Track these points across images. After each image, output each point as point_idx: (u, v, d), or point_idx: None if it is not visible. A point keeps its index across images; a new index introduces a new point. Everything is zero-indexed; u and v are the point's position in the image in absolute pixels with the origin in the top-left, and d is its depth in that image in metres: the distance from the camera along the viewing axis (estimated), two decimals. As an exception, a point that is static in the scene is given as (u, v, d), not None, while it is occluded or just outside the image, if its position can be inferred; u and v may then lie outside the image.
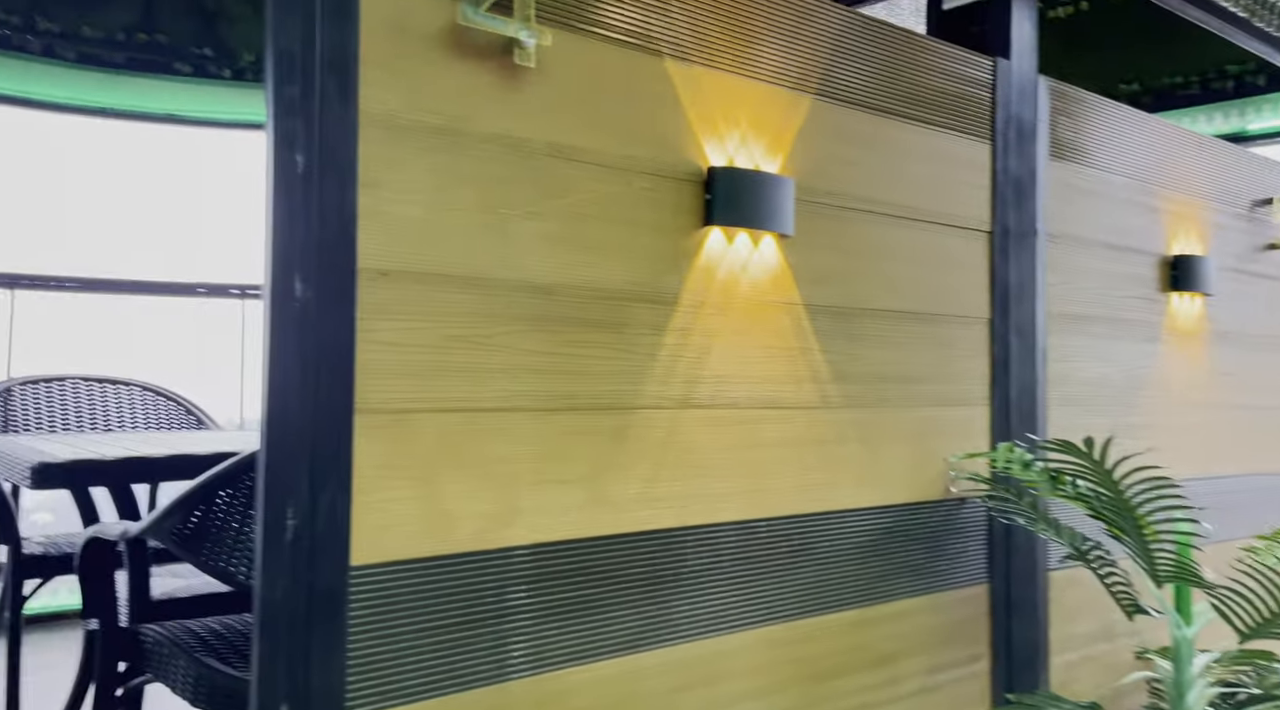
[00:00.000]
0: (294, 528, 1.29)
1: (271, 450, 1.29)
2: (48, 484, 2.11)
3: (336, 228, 1.34)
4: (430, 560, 1.43)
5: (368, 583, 1.36)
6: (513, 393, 1.52)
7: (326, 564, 1.31)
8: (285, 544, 1.28)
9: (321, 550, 1.31)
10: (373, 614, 1.36)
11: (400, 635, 1.39)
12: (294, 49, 1.31)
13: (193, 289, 4.77)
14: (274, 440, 1.29)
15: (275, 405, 1.29)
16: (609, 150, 1.64)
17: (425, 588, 1.42)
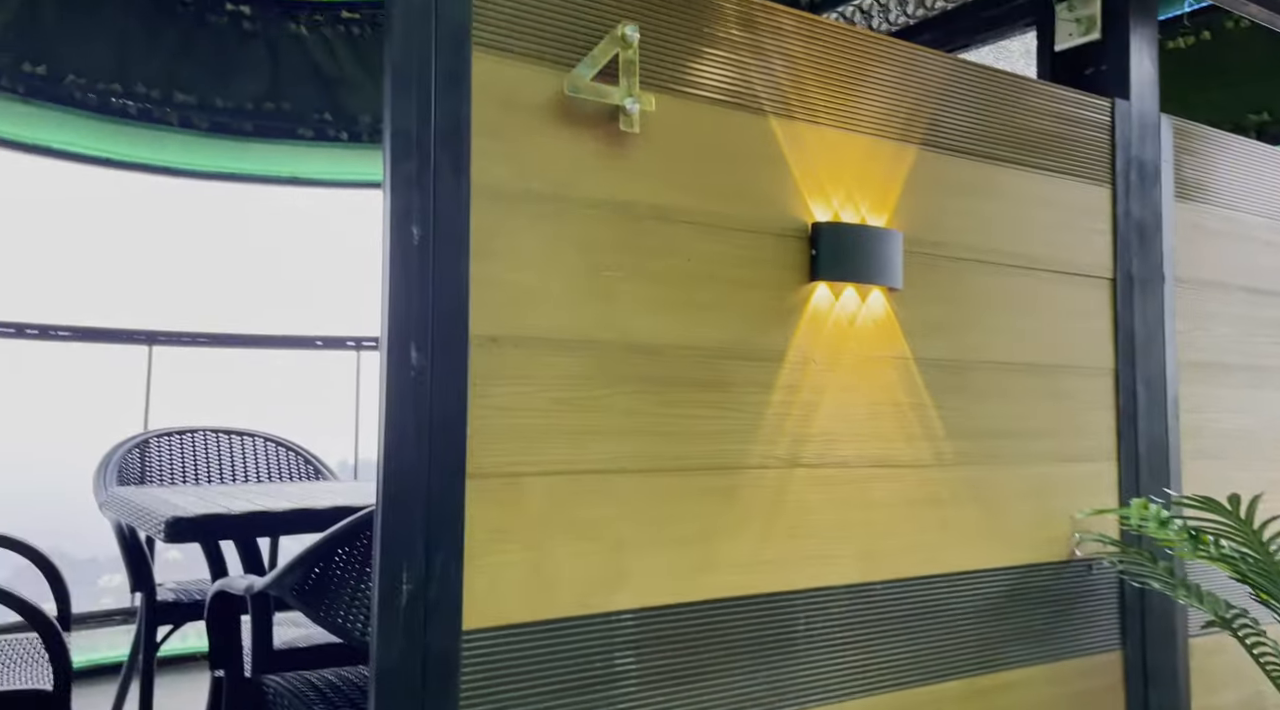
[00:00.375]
0: (409, 591, 1.31)
1: (387, 514, 1.32)
2: (179, 538, 2.21)
3: (449, 296, 1.38)
4: (539, 624, 1.43)
5: (479, 646, 1.37)
6: (619, 454, 1.52)
7: (440, 627, 1.33)
8: (400, 607, 1.31)
9: (435, 613, 1.33)
10: (484, 678, 1.37)
11: (510, 700, 1.39)
12: (410, 126, 1.37)
13: (311, 342, 4.98)
14: (390, 504, 1.32)
15: (391, 469, 1.33)
16: (713, 209, 1.64)
17: (534, 652, 1.42)
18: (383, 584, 1.31)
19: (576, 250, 1.51)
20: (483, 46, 1.43)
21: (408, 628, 1.31)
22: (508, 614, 1.40)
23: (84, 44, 4.21)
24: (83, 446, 5.44)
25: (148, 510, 2.32)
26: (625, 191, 1.56)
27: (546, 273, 1.48)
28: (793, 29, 1.76)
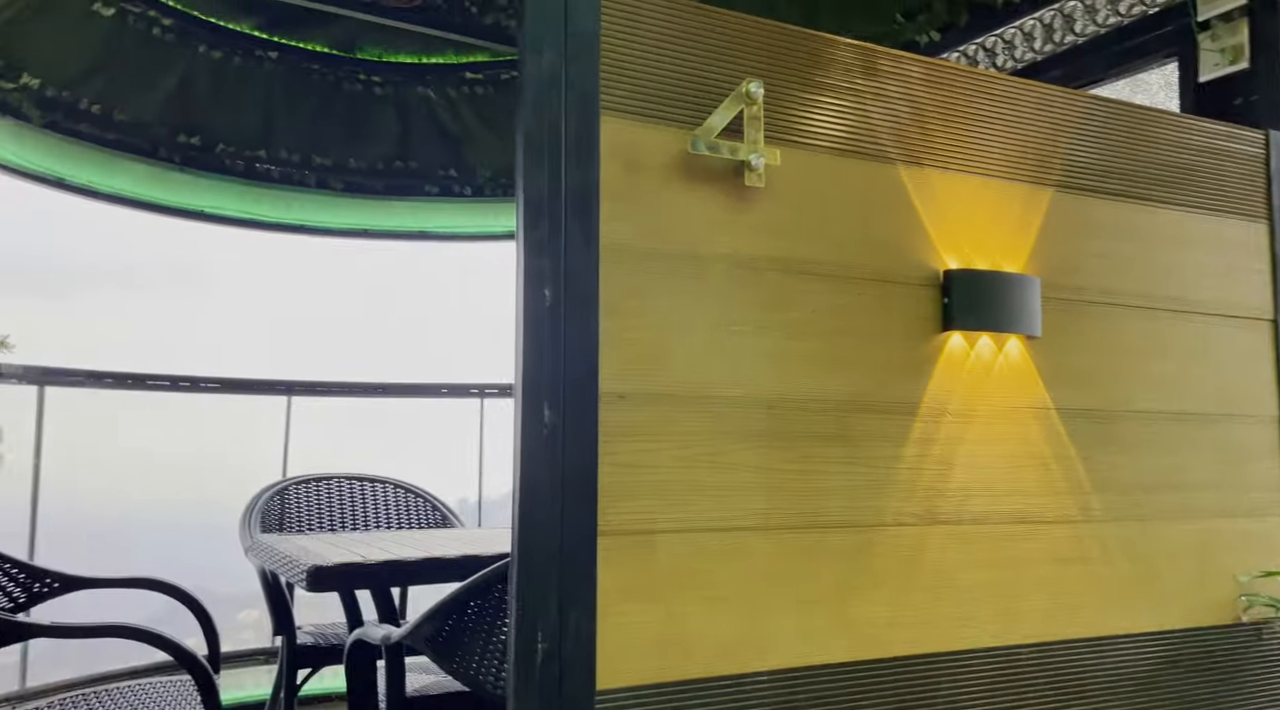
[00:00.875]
0: (544, 649, 1.32)
1: (523, 570, 1.34)
2: (320, 586, 2.30)
3: (580, 354, 1.40)
4: (672, 685, 1.41)
5: (613, 707, 1.36)
6: (750, 511, 1.50)
7: (575, 687, 1.33)
8: (536, 665, 1.31)
9: (570, 672, 1.33)
10: (618, 740, 1.36)
11: (644, 763, 1.37)
12: (542, 192, 1.40)
13: (437, 389, 5.14)
14: (525, 560, 1.34)
15: (526, 526, 1.35)
16: (841, 260, 1.62)
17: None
18: (519, 640, 1.32)
19: (703, 306, 1.51)
20: (610, 110, 1.46)
21: (544, 686, 1.32)
22: (640, 674, 1.39)
23: (233, 115, 4.52)
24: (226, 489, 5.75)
25: (290, 558, 2.42)
26: (751, 246, 1.55)
27: (674, 329, 1.48)
28: (917, 75, 1.74)
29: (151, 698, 2.35)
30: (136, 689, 2.40)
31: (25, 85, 3.68)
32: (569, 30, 1.42)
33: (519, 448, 1.36)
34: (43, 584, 2.54)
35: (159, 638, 2.08)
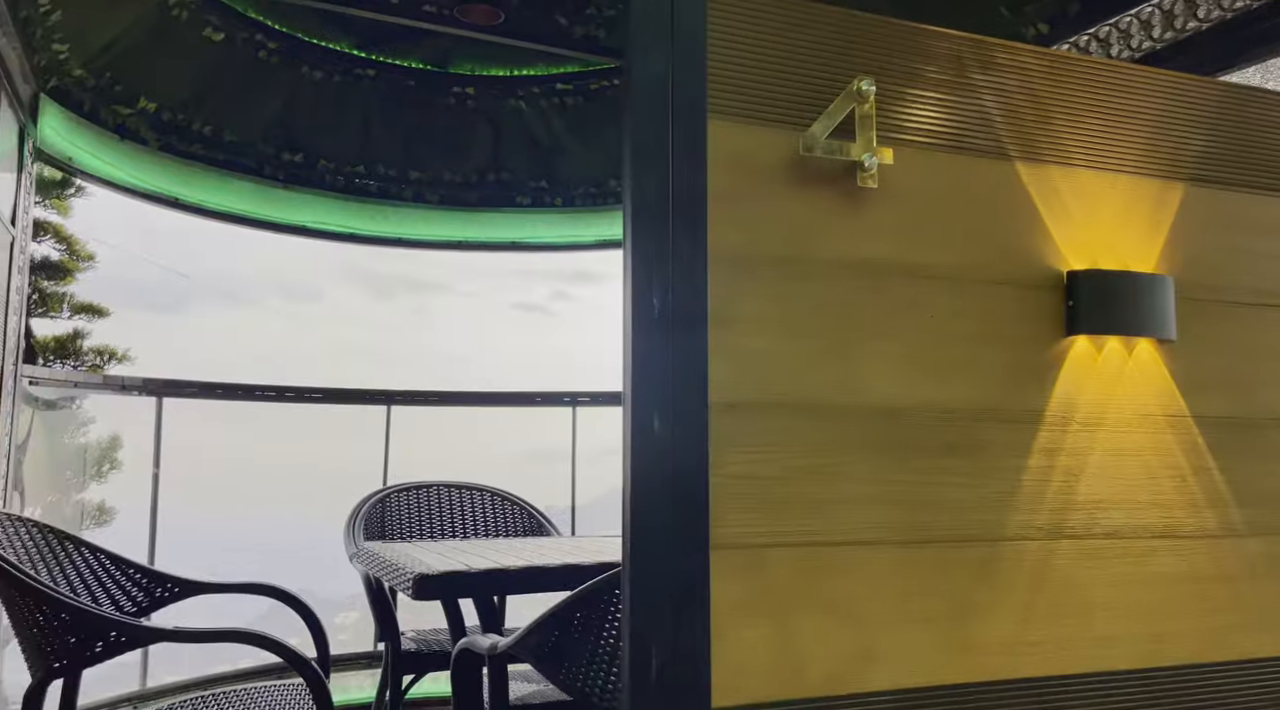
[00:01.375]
0: (659, 665, 1.29)
1: (635, 586, 1.31)
2: (425, 595, 2.32)
3: (689, 364, 1.37)
4: (786, 704, 1.37)
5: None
6: (865, 524, 1.45)
7: (691, 705, 1.30)
8: (651, 682, 1.29)
9: (685, 689, 1.30)
10: (733, 760, 1.32)
11: (761, 784, 1.33)
12: (649, 199, 1.38)
13: (531, 398, 5.19)
14: (637, 574, 1.32)
15: (637, 541, 1.32)
16: (957, 262, 1.55)
17: (784, 733, 1.36)
18: (634, 656, 1.30)
19: (813, 311, 1.46)
20: (718, 113, 1.43)
21: (659, 703, 1.29)
22: (755, 692, 1.35)
23: (333, 132, 4.65)
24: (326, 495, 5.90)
25: (396, 566, 2.46)
26: (863, 249, 1.50)
27: (784, 336, 1.44)
28: (1035, 66, 1.66)
29: (268, 701, 2.41)
30: (254, 692, 2.46)
31: (143, 109, 3.86)
32: (675, 32, 1.40)
33: (629, 459, 1.34)
34: (164, 589, 2.64)
35: (276, 644, 2.13)
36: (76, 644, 2.04)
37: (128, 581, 2.60)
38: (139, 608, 2.61)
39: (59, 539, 2.52)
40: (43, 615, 2.02)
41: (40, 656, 2.04)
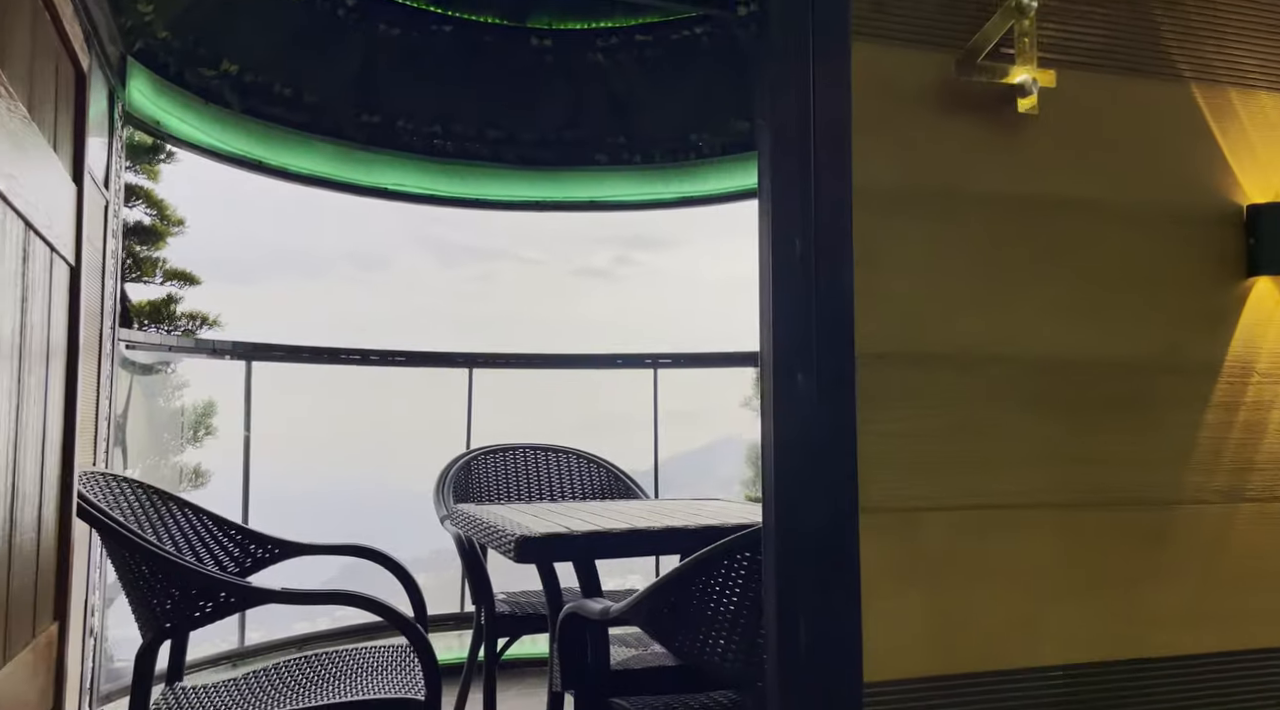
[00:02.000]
0: (807, 640, 1.19)
1: (781, 554, 1.21)
2: (527, 557, 2.26)
3: (834, 311, 1.26)
4: (943, 680, 1.26)
5: (881, 703, 1.22)
6: (1026, 487, 1.32)
7: (841, 682, 1.20)
8: (800, 658, 1.19)
9: (836, 666, 1.20)
10: (888, 739, 1.22)
11: (918, 766, 1.23)
12: (789, 129, 1.26)
13: (612, 360, 5.11)
14: (783, 543, 1.22)
15: (782, 506, 1.22)
16: (1124, 198, 1.40)
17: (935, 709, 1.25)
18: (780, 629, 1.20)
19: (970, 253, 1.33)
20: (862, 35, 1.29)
21: (807, 678, 1.19)
22: (910, 666, 1.25)
23: (411, 91, 4.59)
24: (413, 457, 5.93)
25: (495, 528, 2.40)
26: (1023, 182, 1.36)
27: (937, 280, 1.31)
28: (1209, -23, 1.48)
29: (371, 661, 2.39)
30: (358, 653, 2.45)
31: (225, 71, 3.84)
32: (817, -55, 1.26)
33: (772, 416, 1.23)
34: (264, 550, 2.64)
35: (384, 607, 2.09)
36: (186, 604, 2.03)
37: (229, 542, 2.60)
38: (241, 568, 2.61)
39: (162, 499, 2.52)
40: (154, 575, 2.02)
41: (151, 617, 2.04)
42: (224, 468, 4.33)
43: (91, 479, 2.30)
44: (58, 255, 1.66)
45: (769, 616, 1.21)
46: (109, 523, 2.01)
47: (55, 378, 1.68)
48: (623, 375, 5.25)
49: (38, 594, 1.56)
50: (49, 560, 1.64)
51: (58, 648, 1.68)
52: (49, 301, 1.62)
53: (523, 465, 4.02)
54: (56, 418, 1.69)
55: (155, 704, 2.09)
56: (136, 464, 3.76)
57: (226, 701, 2.11)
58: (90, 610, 2.94)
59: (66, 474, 1.73)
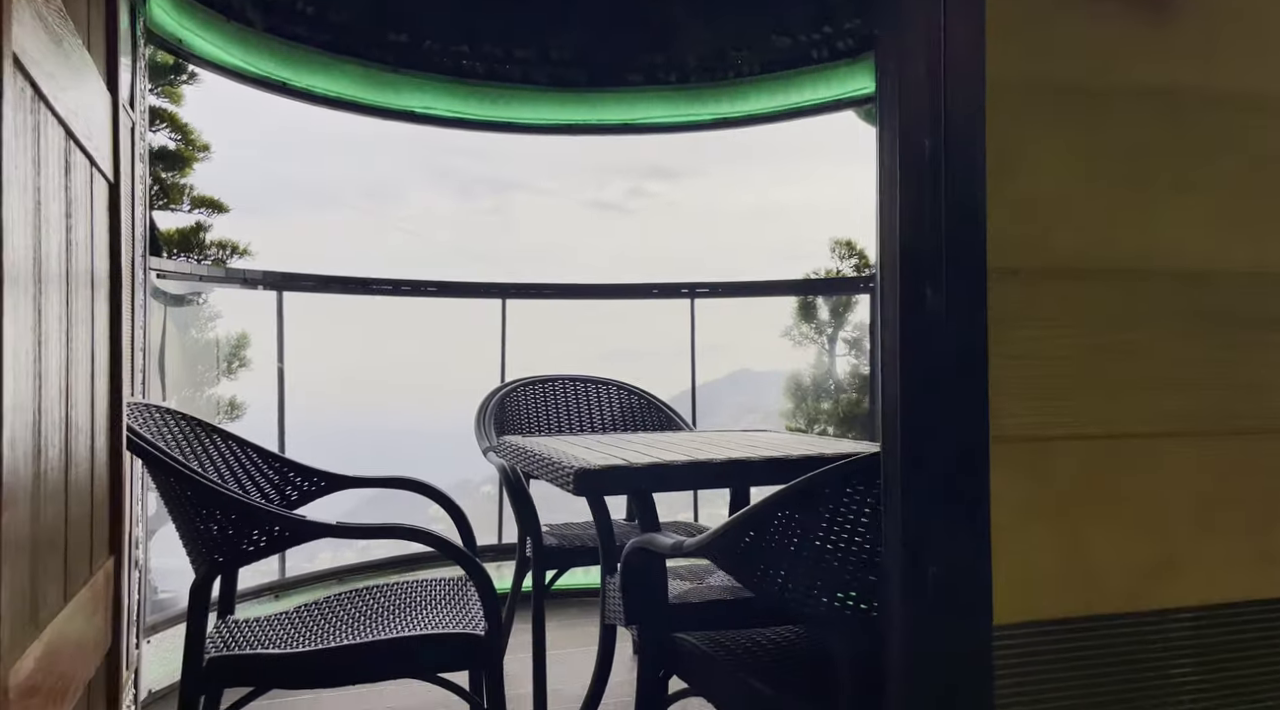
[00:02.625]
0: (934, 579, 1.10)
1: (905, 486, 1.11)
2: (586, 490, 2.18)
3: (964, 220, 1.13)
4: (1075, 622, 1.16)
5: (1011, 647, 1.13)
6: (1167, 413, 1.21)
7: (970, 624, 1.11)
8: (926, 598, 1.09)
9: (965, 606, 1.11)
10: (1017, 687, 1.13)
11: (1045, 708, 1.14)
12: (913, 17, 1.11)
13: (648, 290, 4.98)
14: (907, 474, 1.11)
15: (908, 434, 1.11)
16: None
17: (1071, 656, 1.16)
18: (904, 567, 1.10)
19: (1110, 156, 1.19)
20: (1001, -97, 1.14)
21: (933, 620, 1.10)
22: (1040, 607, 1.15)
23: (438, 9, 4.39)
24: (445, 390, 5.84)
25: (550, 460, 2.32)
26: (1173, 74, 1.21)
27: (1076, 186, 1.18)
28: None
29: (422, 594, 2.33)
30: (407, 587, 2.40)
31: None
32: None
33: (897, 335, 1.12)
34: (311, 483, 2.57)
35: (439, 539, 2.02)
36: (238, 537, 1.96)
37: (275, 474, 2.54)
38: (287, 502, 2.55)
39: (205, 431, 2.45)
40: (205, 509, 1.95)
41: (202, 551, 1.98)
42: (258, 401, 4.27)
43: (135, 410, 2.22)
44: (98, 171, 1.55)
45: (891, 555, 1.12)
46: (158, 454, 1.93)
47: (100, 301, 1.58)
48: (632, 309, 5.12)
49: (93, 529, 1.49)
50: (103, 493, 1.57)
51: (114, 583, 1.62)
52: (91, 220, 1.51)
53: (561, 397, 3.93)
54: (103, 344, 1.59)
55: (209, 637, 2.04)
56: (172, 396, 3.69)
57: (282, 635, 2.06)
58: (135, 542, 2.90)
59: (115, 403, 1.64)
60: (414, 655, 1.94)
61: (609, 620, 2.61)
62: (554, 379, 3.94)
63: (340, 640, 1.98)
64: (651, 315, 5.23)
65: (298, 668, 1.91)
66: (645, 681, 2.03)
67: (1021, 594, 1.14)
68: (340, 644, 1.95)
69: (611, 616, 2.58)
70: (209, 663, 1.88)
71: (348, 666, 1.94)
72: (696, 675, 1.98)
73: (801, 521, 1.61)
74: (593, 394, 3.98)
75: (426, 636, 1.96)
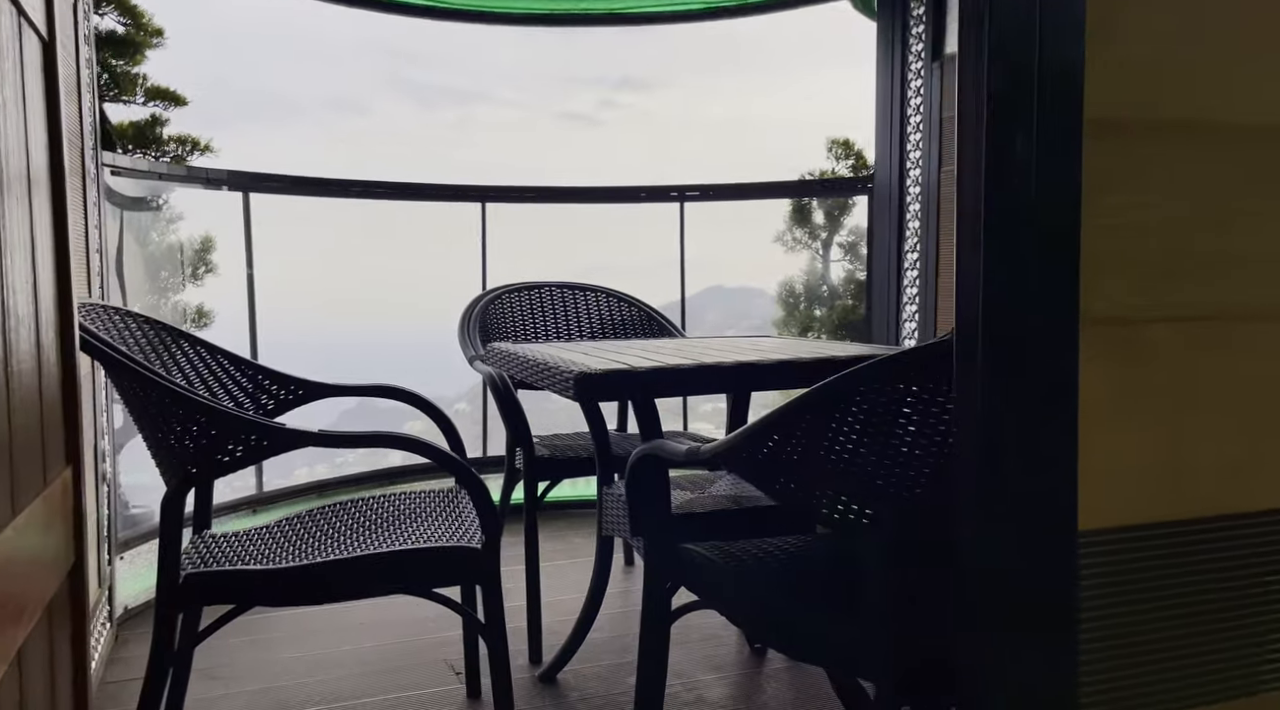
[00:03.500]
0: (1014, 482, 0.96)
1: (984, 376, 0.96)
2: (588, 395, 2.03)
3: (1060, 59, 0.95)
4: (1167, 526, 1.04)
5: (1099, 555, 1.00)
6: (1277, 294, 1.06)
7: (1052, 529, 0.97)
8: (1000, 501, 0.96)
9: (1044, 510, 0.97)
10: (1105, 598, 1.01)
11: (1136, 628, 1.02)
12: None
13: (636, 193, 4.77)
14: (987, 360, 0.96)
15: (992, 312, 0.95)
16: None
17: (1163, 563, 1.03)
18: (980, 466, 0.96)
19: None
20: None
21: (1011, 525, 0.96)
22: (1129, 511, 1.02)
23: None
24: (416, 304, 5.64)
25: (546, 365, 2.16)
26: (1304, -107, 1.03)
27: (1194, 14, 1.00)
28: None
29: (411, 506, 2.20)
30: (395, 499, 2.26)
31: None
32: None
33: (979, 194, 0.95)
34: (288, 391, 2.40)
35: (430, 448, 1.87)
36: (212, 447, 1.80)
37: (249, 383, 2.37)
38: (263, 411, 2.38)
39: (171, 335, 2.26)
40: (174, 416, 1.78)
41: (173, 462, 1.82)
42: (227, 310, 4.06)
43: (91, 311, 2.02)
44: (26, 22, 1.33)
45: (964, 454, 0.97)
46: (118, 356, 1.75)
47: (39, 179, 1.38)
48: (610, 224, 4.90)
49: (45, 434, 1.32)
50: (54, 396, 1.39)
51: (74, 495, 1.46)
52: (21, 83, 1.29)
53: (549, 304, 3.76)
54: (45, 227, 1.39)
55: (185, 553, 1.90)
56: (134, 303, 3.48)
57: (264, 550, 1.92)
58: (101, 455, 2.73)
59: (65, 300, 1.45)
60: (406, 570, 1.81)
61: (606, 532, 2.50)
62: (541, 285, 3.76)
63: (327, 555, 1.84)
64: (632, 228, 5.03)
65: (282, 584, 1.77)
66: (651, 594, 1.92)
67: (1109, 495, 1.00)
68: (327, 559, 1.81)
69: (610, 528, 2.46)
70: (185, 579, 1.74)
71: (336, 582, 1.80)
72: (706, 587, 1.86)
73: (833, 425, 1.47)
74: (581, 301, 3.81)
75: (420, 550, 1.82)
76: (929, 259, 3.82)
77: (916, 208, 3.91)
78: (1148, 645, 1.01)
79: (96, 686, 2.40)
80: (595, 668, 2.55)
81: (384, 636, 2.73)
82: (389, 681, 2.43)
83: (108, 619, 2.70)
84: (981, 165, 0.94)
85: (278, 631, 2.77)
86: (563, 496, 4.00)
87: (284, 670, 2.51)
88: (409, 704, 2.31)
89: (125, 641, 2.73)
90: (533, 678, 2.49)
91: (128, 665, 2.54)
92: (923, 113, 3.87)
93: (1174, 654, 1.04)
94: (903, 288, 4.04)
